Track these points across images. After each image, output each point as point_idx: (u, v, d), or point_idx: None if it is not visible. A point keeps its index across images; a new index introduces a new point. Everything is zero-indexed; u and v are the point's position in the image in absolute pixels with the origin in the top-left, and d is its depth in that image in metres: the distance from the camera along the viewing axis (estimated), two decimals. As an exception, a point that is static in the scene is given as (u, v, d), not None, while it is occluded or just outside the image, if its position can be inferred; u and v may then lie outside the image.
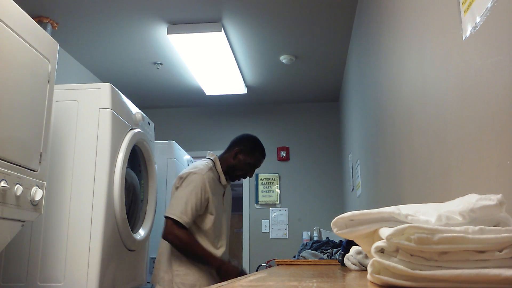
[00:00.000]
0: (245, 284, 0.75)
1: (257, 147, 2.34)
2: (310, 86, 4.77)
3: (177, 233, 2.08)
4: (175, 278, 2.13)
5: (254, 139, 2.38)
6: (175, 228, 2.08)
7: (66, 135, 2.32)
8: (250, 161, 2.31)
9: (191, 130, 5.29)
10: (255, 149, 2.33)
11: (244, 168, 2.31)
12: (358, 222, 0.67)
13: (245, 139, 2.36)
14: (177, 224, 2.08)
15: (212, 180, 2.21)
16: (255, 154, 2.32)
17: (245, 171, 2.32)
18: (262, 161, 2.37)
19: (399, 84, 1.87)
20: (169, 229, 2.10)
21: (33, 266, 2.18)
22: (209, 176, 2.19)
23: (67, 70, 3.82)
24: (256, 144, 2.35)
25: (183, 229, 2.09)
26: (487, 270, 0.53)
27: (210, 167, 2.25)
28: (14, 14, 1.72)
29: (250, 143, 2.34)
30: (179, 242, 2.10)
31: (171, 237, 2.11)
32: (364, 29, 2.91)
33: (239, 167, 2.30)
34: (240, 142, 2.34)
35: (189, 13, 3.25)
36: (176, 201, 2.12)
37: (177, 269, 2.14)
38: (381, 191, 2.42)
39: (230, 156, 2.31)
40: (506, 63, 0.84)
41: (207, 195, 2.15)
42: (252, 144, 2.34)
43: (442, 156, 1.27)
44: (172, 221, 2.09)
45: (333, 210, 4.73)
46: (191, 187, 2.12)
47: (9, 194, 1.62)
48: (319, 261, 2.12)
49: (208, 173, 2.20)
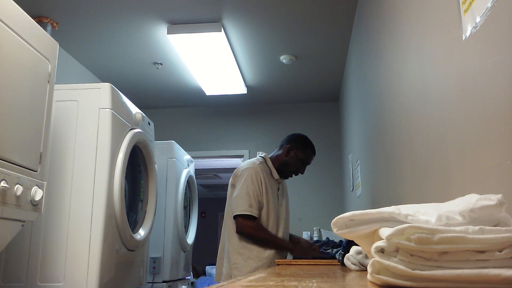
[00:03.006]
0: (245, 284, 0.75)
1: (308, 144, 2.48)
2: (310, 86, 4.76)
3: (250, 225, 2.26)
4: (233, 271, 2.26)
5: (305, 137, 2.52)
6: (246, 222, 2.25)
7: (66, 135, 2.32)
8: (302, 157, 2.43)
9: (191, 130, 5.29)
10: (307, 146, 2.47)
11: (296, 164, 2.43)
12: (358, 222, 0.67)
13: (296, 137, 2.51)
14: (247, 217, 2.25)
15: (265, 172, 2.37)
16: (307, 150, 2.45)
17: (297, 167, 2.45)
18: (313, 157, 2.49)
19: (399, 84, 1.87)
20: (241, 224, 2.25)
21: (33, 266, 2.18)
22: (261, 168, 2.37)
23: (67, 70, 3.82)
24: (307, 141, 2.49)
25: (254, 220, 2.26)
26: (487, 270, 0.53)
27: (261, 162, 2.42)
28: (14, 14, 1.72)
29: (301, 140, 2.48)
30: (253, 231, 2.26)
31: (246, 231, 2.26)
32: (364, 29, 2.91)
33: (291, 163, 2.42)
34: (292, 140, 2.49)
35: (189, 13, 3.25)
36: (239, 198, 2.28)
37: (235, 262, 2.27)
38: (381, 191, 2.42)
39: (283, 153, 2.45)
40: (506, 63, 0.84)
41: (263, 184, 2.32)
42: (304, 141, 2.48)
43: (442, 156, 1.27)
44: (242, 217, 2.25)
45: (333, 210, 4.73)
46: (248, 179, 2.30)
47: (9, 194, 1.62)
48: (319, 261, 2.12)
49: (260, 165, 2.38)
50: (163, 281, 3.33)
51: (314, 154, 2.51)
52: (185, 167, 3.83)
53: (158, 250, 3.36)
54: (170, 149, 3.61)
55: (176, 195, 3.54)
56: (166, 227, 3.41)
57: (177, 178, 3.59)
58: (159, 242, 3.36)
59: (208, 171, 7.96)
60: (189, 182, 3.87)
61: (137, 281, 2.70)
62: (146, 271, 2.88)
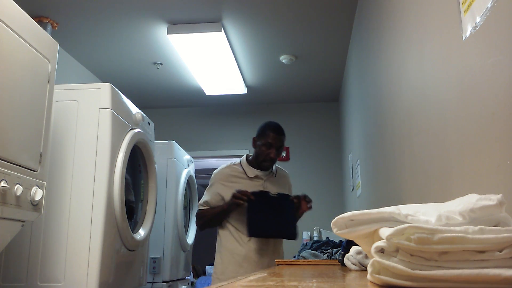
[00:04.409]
0: (245, 284, 0.75)
1: (266, 127, 2.37)
2: (310, 86, 4.76)
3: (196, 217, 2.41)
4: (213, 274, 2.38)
5: (264, 123, 2.43)
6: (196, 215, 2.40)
7: (66, 135, 2.32)
8: (264, 142, 2.33)
9: (191, 130, 5.29)
10: (264, 129, 2.37)
11: (262, 151, 2.33)
12: (358, 222, 0.67)
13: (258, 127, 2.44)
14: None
15: (228, 175, 2.37)
16: (265, 132, 2.34)
17: (264, 153, 2.33)
18: (274, 136, 2.33)
19: (399, 84, 1.87)
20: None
21: (33, 266, 2.18)
22: (223, 173, 2.39)
23: (67, 70, 3.82)
24: (264, 125, 2.40)
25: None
26: (487, 270, 0.53)
27: (229, 164, 2.43)
28: (14, 14, 1.72)
29: (260, 127, 2.42)
30: (199, 220, 2.38)
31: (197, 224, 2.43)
32: (364, 29, 2.91)
33: (259, 152, 2.36)
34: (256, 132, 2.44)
35: (189, 13, 3.25)
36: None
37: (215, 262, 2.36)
38: (381, 191, 2.42)
39: (253, 147, 2.43)
40: (506, 63, 0.84)
41: (217, 189, 2.35)
42: (262, 127, 2.41)
43: (442, 156, 1.27)
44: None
45: (333, 210, 4.71)
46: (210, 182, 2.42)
47: (9, 194, 1.62)
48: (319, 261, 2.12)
49: (223, 170, 2.40)
50: (163, 281, 3.33)
51: (275, 132, 2.33)
52: (185, 167, 3.83)
53: (158, 250, 3.36)
54: (170, 149, 3.61)
55: (176, 195, 3.54)
56: (166, 227, 3.41)
57: (177, 178, 3.59)
58: (159, 242, 3.36)
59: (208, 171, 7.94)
60: (189, 182, 3.87)
61: (137, 281, 2.70)
62: (146, 271, 2.88)
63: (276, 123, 2.40)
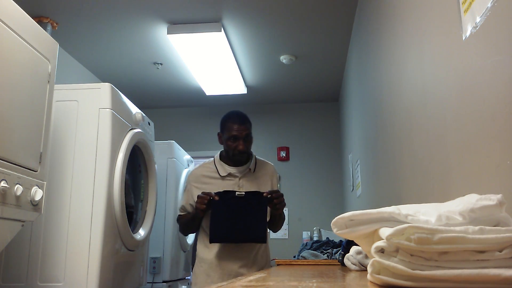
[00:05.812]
0: (245, 284, 0.75)
1: (226, 118, 2.20)
2: (310, 86, 4.76)
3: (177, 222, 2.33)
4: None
5: (225, 114, 2.25)
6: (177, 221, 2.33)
7: (66, 135, 2.32)
8: (228, 135, 2.14)
9: (191, 130, 5.29)
10: (225, 121, 2.19)
11: (229, 146, 2.15)
12: (358, 222, 0.67)
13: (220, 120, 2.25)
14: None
15: (200, 176, 2.23)
16: (227, 125, 2.16)
17: (231, 147, 2.14)
18: (238, 127, 2.13)
19: (399, 84, 1.87)
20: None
21: (33, 266, 2.18)
22: (195, 174, 2.27)
23: (67, 70, 3.82)
24: (225, 116, 2.22)
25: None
26: (487, 270, 0.53)
27: (202, 164, 2.32)
28: (14, 14, 1.72)
29: (221, 120, 2.23)
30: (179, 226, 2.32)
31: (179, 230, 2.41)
32: (364, 29, 2.91)
33: (226, 147, 2.18)
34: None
35: (189, 13, 3.25)
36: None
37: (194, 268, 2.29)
38: (381, 191, 2.42)
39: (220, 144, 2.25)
40: (506, 63, 0.84)
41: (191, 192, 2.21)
42: (223, 119, 2.22)
43: (442, 156, 1.27)
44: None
45: (333, 210, 4.73)
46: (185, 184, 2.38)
47: (9, 194, 1.62)
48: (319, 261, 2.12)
49: (195, 170, 2.29)
50: (163, 281, 3.33)
51: (236, 122, 2.14)
52: (185, 167, 3.83)
53: (158, 250, 3.36)
54: (170, 149, 3.61)
55: (176, 195, 3.54)
56: (166, 227, 3.41)
57: (177, 178, 3.59)
58: (159, 242, 3.36)
59: (208, 171, 7.94)
60: (189, 182, 3.86)
61: (137, 281, 2.70)
62: (146, 271, 2.88)
63: (236, 111, 2.23)
